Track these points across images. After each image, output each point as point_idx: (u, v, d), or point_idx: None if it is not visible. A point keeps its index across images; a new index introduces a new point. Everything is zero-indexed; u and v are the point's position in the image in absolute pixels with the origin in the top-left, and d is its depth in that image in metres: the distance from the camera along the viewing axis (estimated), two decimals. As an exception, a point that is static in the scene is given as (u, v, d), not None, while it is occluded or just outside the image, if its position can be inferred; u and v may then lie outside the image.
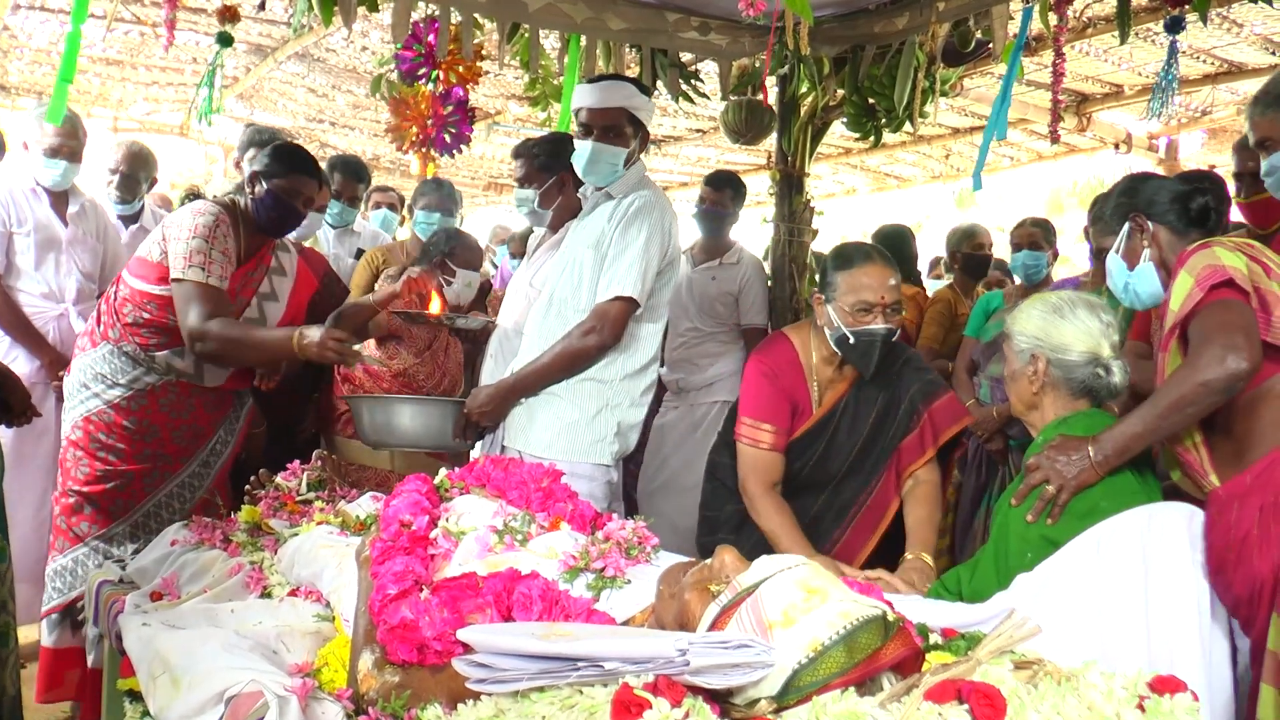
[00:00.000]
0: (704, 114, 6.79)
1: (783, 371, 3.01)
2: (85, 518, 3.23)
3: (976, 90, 6.19)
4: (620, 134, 3.21)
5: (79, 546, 3.24)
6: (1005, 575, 2.28)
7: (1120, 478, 2.29)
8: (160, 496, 3.29)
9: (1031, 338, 2.46)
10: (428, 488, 2.26)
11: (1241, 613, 2.15)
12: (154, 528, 3.17)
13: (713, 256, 4.98)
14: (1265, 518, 2.11)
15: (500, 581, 1.74)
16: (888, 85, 4.28)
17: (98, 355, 3.26)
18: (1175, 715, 1.44)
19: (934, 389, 3.01)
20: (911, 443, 2.98)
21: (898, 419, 2.99)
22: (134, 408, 3.22)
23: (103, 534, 3.22)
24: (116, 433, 3.22)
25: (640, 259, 3.10)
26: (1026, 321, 2.49)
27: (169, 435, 3.27)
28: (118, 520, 3.23)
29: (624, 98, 3.21)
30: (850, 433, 3.00)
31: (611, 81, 3.25)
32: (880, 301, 2.80)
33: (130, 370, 3.23)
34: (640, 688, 1.35)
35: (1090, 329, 2.41)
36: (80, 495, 3.23)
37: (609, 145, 3.19)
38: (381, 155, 8.69)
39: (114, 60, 6.43)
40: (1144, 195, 2.47)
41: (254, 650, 1.84)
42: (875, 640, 1.44)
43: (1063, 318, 2.44)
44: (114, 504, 3.23)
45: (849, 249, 2.98)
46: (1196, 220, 2.41)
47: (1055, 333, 2.43)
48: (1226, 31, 5.23)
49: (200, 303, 3.06)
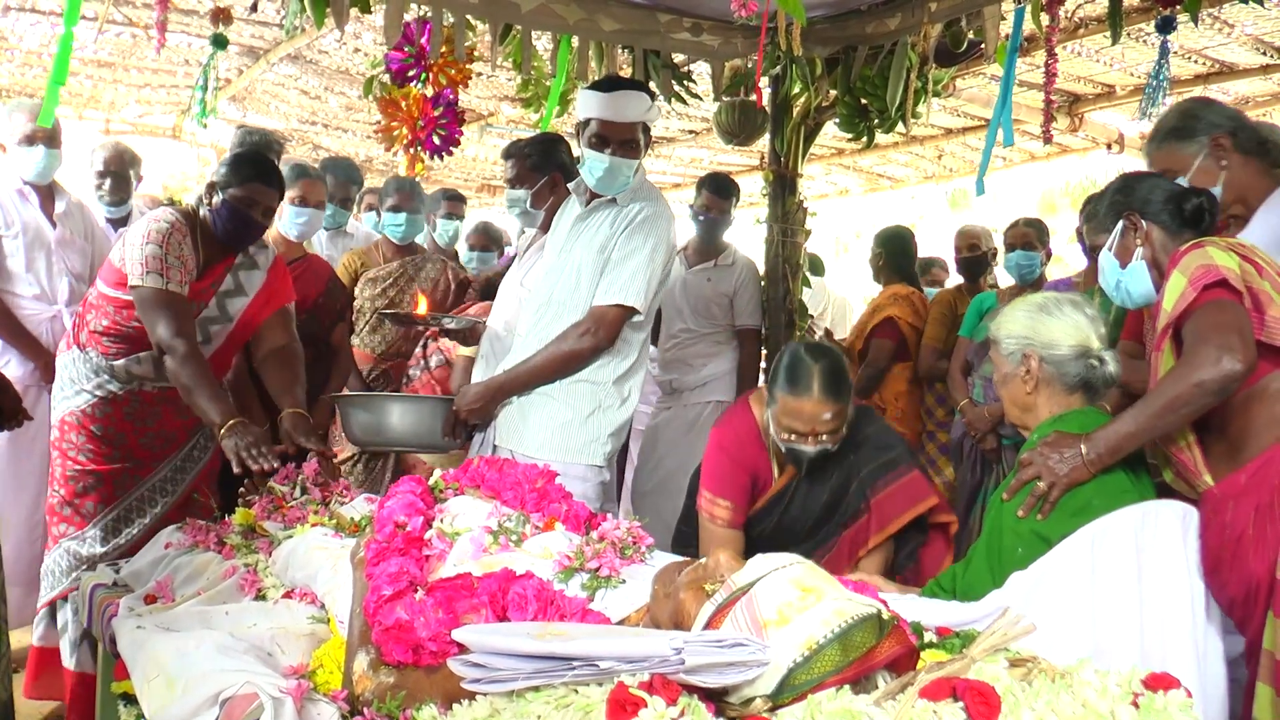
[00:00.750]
0: (696, 115, 6.79)
1: (743, 444, 2.98)
2: (64, 519, 3.25)
3: (969, 91, 6.19)
4: (635, 146, 3.19)
5: (55, 547, 3.26)
6: (998, 570, 2.29)
7: (1113, 476, 2.29)
8: (131, 500, 3.27)
9: (1020, 338, 2.47)
10: (422, 488, 2.26)
11: (1237, 613, 2.16)
12: (123, 530, 3.19)
13: (707, 259, 4.98)
14: (1260, 517, 2.12)
15: (495, 582, 1.74)
16: (880, 86, 4.28)
17: (68, 359, 3.30)
18: (1169, 712, 1.44)
19: (886, 473, 2.91)
20: (860, 527, 2.92)
21: (848, 499, 2.94)
22: (98, 414, 3.23)
23: (76, 535, 3.23)
24: (85, 435, 3.23)
25: (645, 269, 3.11)
26: (1012, 324, 2.50)
27: (136, 442, 3.27)
28: (91, 522, 3.23)
29: (641, 111, 3.19)
30: (804, 507, 2.96)
31: (628, 92, 3.21)
32: (810, 432, 2.74)
33: (94, 377, 3.25)
34: (636, 687, 1.35)
35: (1078, 323, 2.43)
36: (59, 496, 3.25)
37: (626, 158, 3.17)
38: (375, 157, 8.67)
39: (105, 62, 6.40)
40: (1139, 194, 2.48)
41: (249, 652, 1.84)
42: (870, 638, 1.45)
43: (1049, 315, 2.45)
44: (85, 506, 3.23)
45: (799, 370, 2.76)
46: (1190, 220, 2.42)
47: (1044, 330, 2.44)
48: (1218, 32, 5.23)
49: (164, 310, 3.05)
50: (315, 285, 4.02)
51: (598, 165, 3.16)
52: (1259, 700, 2.09)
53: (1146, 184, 2.50)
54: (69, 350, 3.30)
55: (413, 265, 4.48)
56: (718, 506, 2.96)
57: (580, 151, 3.28)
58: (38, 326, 4.10)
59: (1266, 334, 2.18)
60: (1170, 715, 1.44)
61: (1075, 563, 2.10)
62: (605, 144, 3.16)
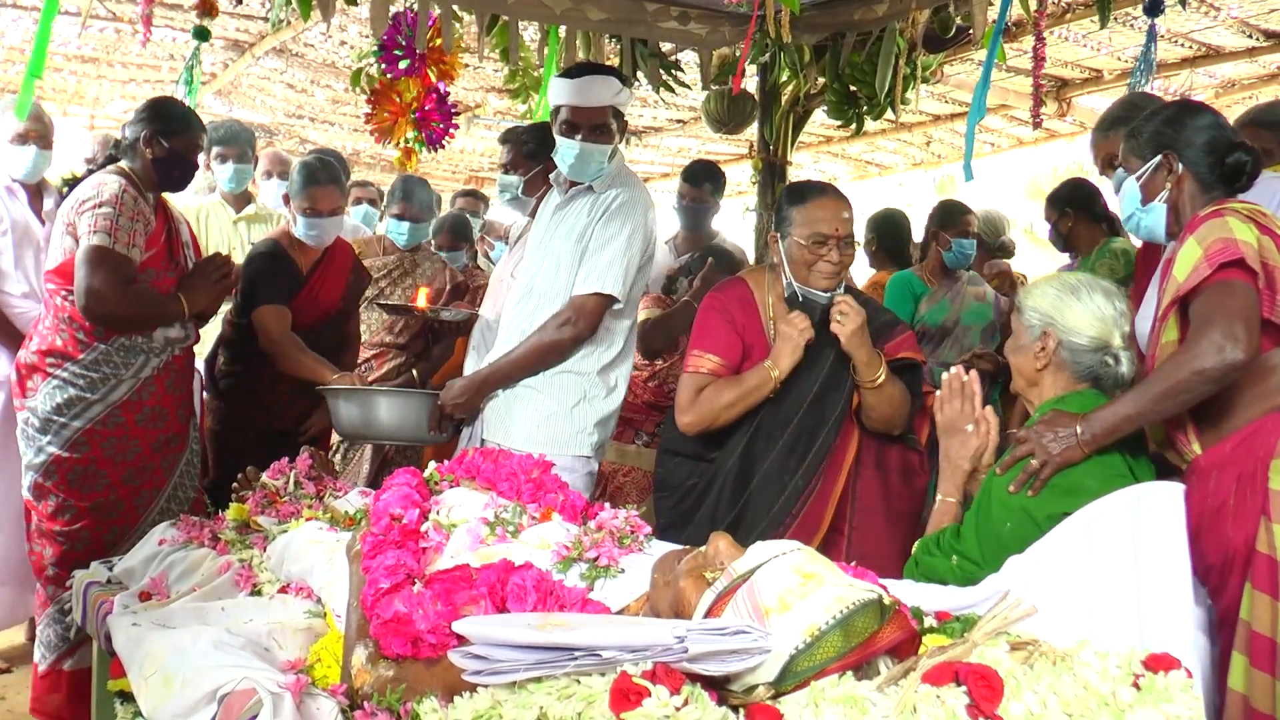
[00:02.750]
0: (684, 104, 6.78)
1: (735, 309, 2.95)
2: (116, 520, 3.29)
3: (957, 77, 6.19)
4: (606, 131, 3.16)
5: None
6: (985, 542, 2.29)
7: (1109, 458, 2.29)
8: (178, 477, 3.39)
9: (1044, 315, 2.42)
10: (417, 481, 2.25)
11: (1212, 580, 2.18)
12: (176, 512, 3.21)
13: (695, 247, 4.97)
14: (1242, 487, 2.14)
15: (494, 573, 1.73)
16: (869, 73, 4.28)
17: (90, 359, 3.27)
18: (1170, 693, 1.45)
19: (891, 328, 2.96)
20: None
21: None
22: (145, 396, 3.29)
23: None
24: (129, 426, 3.30)
25: (623, 256, 3.09)
26: (1040, 298, 2.45)
27: (175, 414, 3.36)
28: (144, 515, 3.29)
29: (610, 95, 3.16)
30: (807, 374, 2.88)
31: (594, 77, 3.19)
32: (835, 234, 2.78)
33: (133, 362, 3.30)
34: (639, 676, 1.35)
35: (1104, 315, 2.38)
36: (109, 497, 3.29)
37: (597, 144, 3.14)
38: (362, 150, 8.65)
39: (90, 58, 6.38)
40: (1185, 135, 2.40)
41: (246, 648, 1.83)
42: (872, 624, 1.45)
43: (1078, 299, 2.40)
44: (140, 495, 3.31)
45: (804, 184, 2.97)
46: (1227, 176, 2.36)
47: (1070, 314, 2.39)
48: (1204, 15, 5.25)
49: (101, 267, 3.07)
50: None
51: (569, 152, 3.15)
52: (1234, 669, 2.11)
53: (1194, 125, 2.41)
54: (90, 349, 3.22)
55: (410, 261, 4.45)
56: (705, 360, 2.90)
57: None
58: (26, 325, 4.05)
59: (1275, 313, 2.18)
60: (1171, 696, 1.44)
61: (1072, 545, 2.10)
62: (575, 130, 3.14)
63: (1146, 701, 1.43)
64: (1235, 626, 2.12)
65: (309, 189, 3.68)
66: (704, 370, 2.90)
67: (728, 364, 2.90)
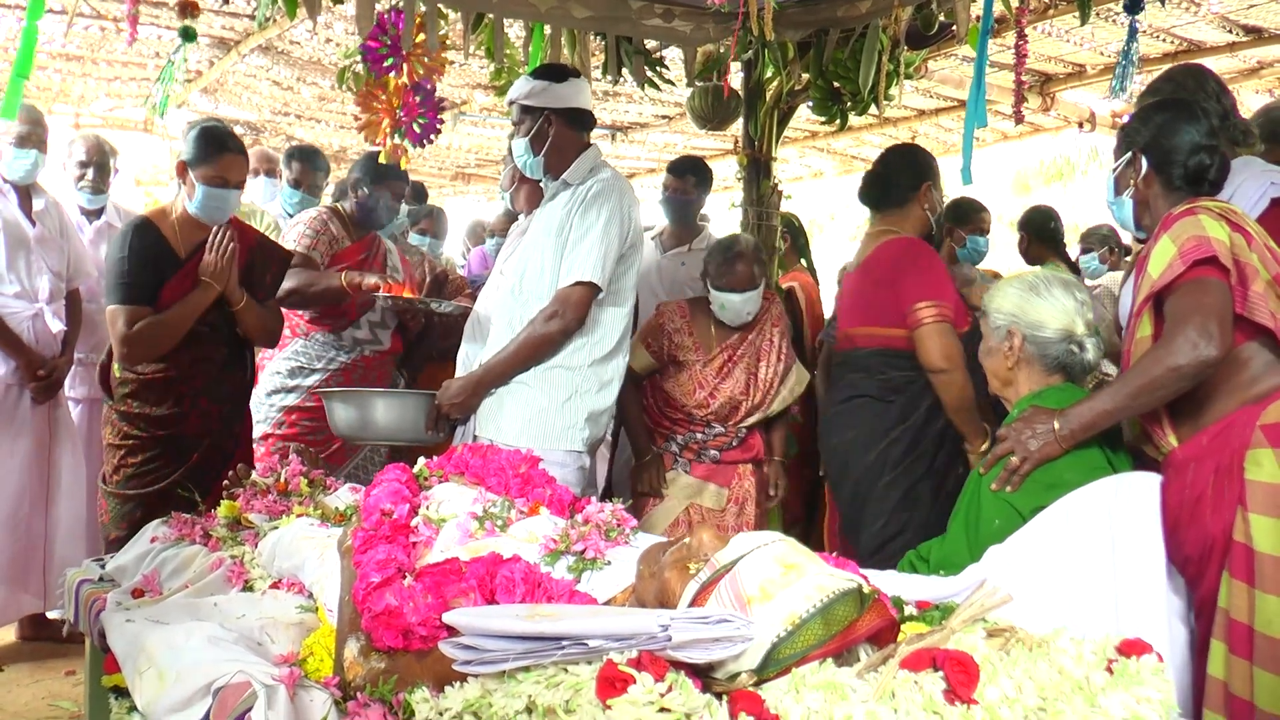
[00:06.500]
0: (670, 100, 6.80)
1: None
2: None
3: (941, 72, 6.24)
4: (523, 127, 3.26)
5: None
6: (974, 542, 2.34)
7: (1088, 452, 2.34)
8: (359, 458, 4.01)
9: (1008, 314, 2.51)
10: (407, 476, 2.27)
11: (1190, 570, 2.22)
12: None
13: (682, 242, 4.99)
14: (1219, 479, 2.18)
15: (483, 566, 1.76)
16: (852, 69, 4.31)
17: (291, 350, 3.88)
18: (1142, 676, 1.48)
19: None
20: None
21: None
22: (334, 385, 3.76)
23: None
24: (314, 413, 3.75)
25: (600, 243, 3.12)
26: (1003, 299, 2.53)
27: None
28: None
29: (518, 93, 3.27)
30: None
31: (523, 78, 3.31)
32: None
33: (324, 355, 3.89)
34: (624, 664, 1.38)
35: (1065, 307, 2.46)
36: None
37: (523, 138, 3.26)
38: (348, 147, 8.62)
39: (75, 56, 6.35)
40: (1153, 135, 2.44)
41: (239, 643, 1.85)
42: (852, 612, 1.48)
43: (1039, 295, 2.48)
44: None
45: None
46: (1190, 179, 2.40)
47: (1031, 310, 2.48)
48: (1185, 10, 5.29)
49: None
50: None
51: (515, 145, 3.34)
52: (1213, 655, 2.15)
53: (1164, 125, 2.44)
54: (292, 340, 3.85)
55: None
56: (944, 309, 3.21)
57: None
58: (19, 325, 4.07)
59: (1248, 309, 2.22)
60: (1142, 679, 1.48)
61: (1050, 534, 2.14)
62: (516, 126, 3.32)
63: (1119, 685, 1.47)
64: (1214, 615, 2.17)
65: (222, 156, 3.32)
66: (949, 319, 3.21)
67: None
